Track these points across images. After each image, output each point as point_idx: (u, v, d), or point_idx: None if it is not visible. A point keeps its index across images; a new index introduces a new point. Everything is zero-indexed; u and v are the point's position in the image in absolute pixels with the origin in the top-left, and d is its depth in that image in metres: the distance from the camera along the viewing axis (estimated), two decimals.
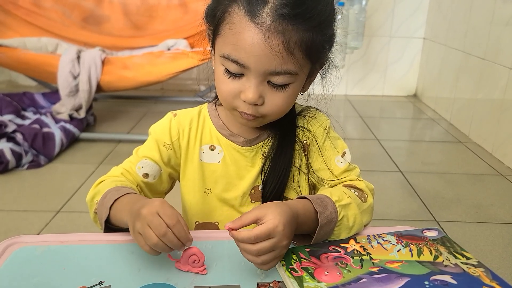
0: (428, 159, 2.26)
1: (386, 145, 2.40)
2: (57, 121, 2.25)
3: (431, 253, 0.60)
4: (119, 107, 2.95)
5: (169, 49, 2.43)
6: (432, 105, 3.09)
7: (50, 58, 2.32)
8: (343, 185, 0.73)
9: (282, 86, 0.64)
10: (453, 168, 2.13)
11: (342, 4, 2.64)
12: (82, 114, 2.34)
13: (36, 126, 2.13)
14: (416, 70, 3.33)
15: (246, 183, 0.76)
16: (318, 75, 0.73)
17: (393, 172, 2.07)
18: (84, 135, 2.33)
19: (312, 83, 0.74)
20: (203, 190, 0.78)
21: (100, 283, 0.56)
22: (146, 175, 0.75)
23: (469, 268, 0.57)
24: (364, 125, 2.74)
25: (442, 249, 0.61)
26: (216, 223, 0.80)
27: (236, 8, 0.61)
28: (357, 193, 0.70)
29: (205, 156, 0.77)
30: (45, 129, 2.13)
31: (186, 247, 0.57)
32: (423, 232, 0.66)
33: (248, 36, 0.60)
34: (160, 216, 0.54)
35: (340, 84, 3.36)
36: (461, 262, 0.58)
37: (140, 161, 0.75)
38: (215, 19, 0.65)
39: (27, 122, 2.21)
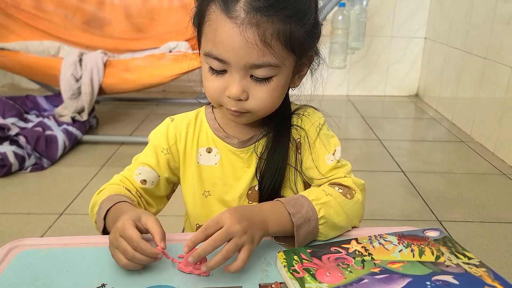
0: (430, 159, 2.26)
1: (388, 145, 2.40)
2: (59, 123, 2.26)
3: (432, 253, 0.60)
4: (121, 110, 2.96)
5: (170, 51, 2.43)
6: (434, 104, 3.09)
7: (52, 61, 2.33)
8: (329, 184, 0.72)
9: (265, 80, 0.65)
10: (456, 168, 2.13)
11: (343, 4, 2.64)
12: (84, 116, 2.35)
13: (39, 129, 2.14)
14: (418, 70, 3.33)
15: (242, 184, 0.76)
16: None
17: (395, 172, 2.06)
18: (87, 137, 2.34)
19: (305, 80, 0.74)
20: (202, 193, 0.78)
21: (103, 285, 0.56)
22: (144, 182, 0.76)
23: (471, 268, 0.57)
24: (366, 126, 2.74)
25: (443, 249, 0.61)
26: None
27: (213, 6, 0.63)
28: (341, 191, 0.70)
29: (202, 158, 0.77)
30: (48, 132, 2.14)
31: (158, 259, 0.59)
32: (425, 232, 0.66)
33: (225, 31, 0.61)
34: (123, 238, 0.57)
35: (342, 84, 3.37)
36: (463, 262, 0.58)
37: (138, 168, 0.76)
38: (198, 21, 0.67)
39: (30, 125, 2.22)
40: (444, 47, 2.92)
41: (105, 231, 0.67)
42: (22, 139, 2.04)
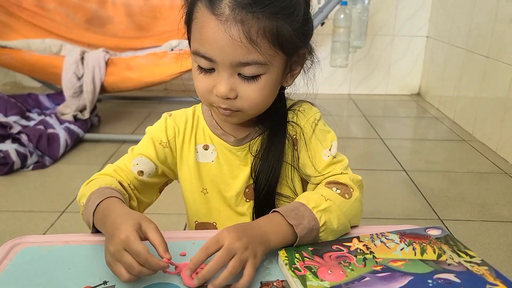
0: (432, 157, 2.26)
1: (389, 144, 2.39)
2: (61, 122, 2.27)
3: (434, 252, 0.60)
4: (123, 108, 2.96)
5: (172, 50, 2.43)
6: (436, 103, 3.08)
7: (54, 60, 2.34)
8: (326, 183, 0.71)
9: (254, 78, 0.64)
10: (457, 167, 2.12)
11: (345, 3, 2.63)
12: (86, 115, 2.35)
13: (41, 127, 2.14)
14: (420, 68, 3.33)
15: (239, 182, 0.76)
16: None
17: (396, 171, 2.06)
18: (89, 135, 2.34)
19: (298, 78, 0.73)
20: (200, 190, 0.78)
21: (105, 282, 0.56)
22: (141, 173, 0.74)
23: (473, 266, 0.57)
24: (368, 124, 2.74)
25: (445, 247, 0.61)
26: (214, 224, 0.80)
27: (200, 4, 0.63)
28: (339, 191, 0.68)
29: (200, 156, 0.77)
30: (50, 130, 2.14)
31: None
32: (427, 230, 0.66)
33: (210, 28, 0.61)
34: (128, 252, 0.54)
35: (344, 83, 3.36)
36: (465, 261, 0.58)
37: (136, 158, 0.75)
38: (187, 19, 0.66)
39: (32, 123, 2.22)
40: (446, 46, 2.92)
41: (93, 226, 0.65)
42: (24, 137, 2.05)
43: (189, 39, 0.68)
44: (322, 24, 2.39)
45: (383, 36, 3.24)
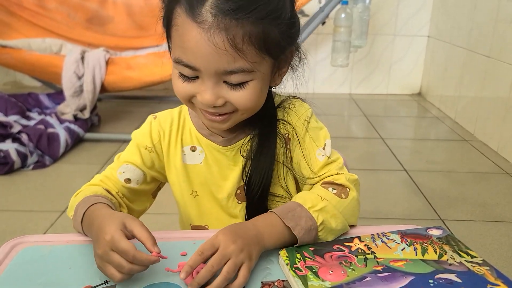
0: (433, 157, 2.25)
1: (390, 144, 2.39)
2: (61, 121, 2.27)
3: (435, 252, 0.60)
4: (123, 107, 2.96)
5: None
6: (437, 103, 3.08)
7: (54, 59, 2.34)
8: (322, 184, 0.70)
9: (240, 85, 0.61)
10: (458, 167, 2.12)
11: (346, 2, 2.63)
12: (86, 114, 2.35)
13: (41, 126, 2.14)
14: (421, 68, 3.32)
15: (230, 184, 0.74)
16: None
17: (397, 171, 2.06)
18: (89, 135, 2.35)
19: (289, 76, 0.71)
20: (190, 193, 0.76)
21: (106, 282, 0.56)
22: (128, 180, 0.73)
23: (474, 266, 0.57)
24: (369, 124, 2.74)
25: (446, 247, 0.61)
26: (206, 226, 0.78)
27: (179, 9, 0.59)
28: (335, 191, 0.68)
29: (187, 158, 0.75)
30: (50, 130, 2.14)
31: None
32: (428, 230, 0.65)
33: (192, 37, 0.57)
34: (116, 252, 0.54)
35: (344, 83, 3.36)
36: (466, 261, 0.58)
37: (121, 166, 0.73)
38: (166, 24, 0.63)
39: (32, 122, 2.22)
40: (447, 45, 2.91)
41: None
42: (24, 137, 2.05)
43: (168, 43, 0.65)
44: (323, 23, 2.39)
45: (384, 36, 3.24)
